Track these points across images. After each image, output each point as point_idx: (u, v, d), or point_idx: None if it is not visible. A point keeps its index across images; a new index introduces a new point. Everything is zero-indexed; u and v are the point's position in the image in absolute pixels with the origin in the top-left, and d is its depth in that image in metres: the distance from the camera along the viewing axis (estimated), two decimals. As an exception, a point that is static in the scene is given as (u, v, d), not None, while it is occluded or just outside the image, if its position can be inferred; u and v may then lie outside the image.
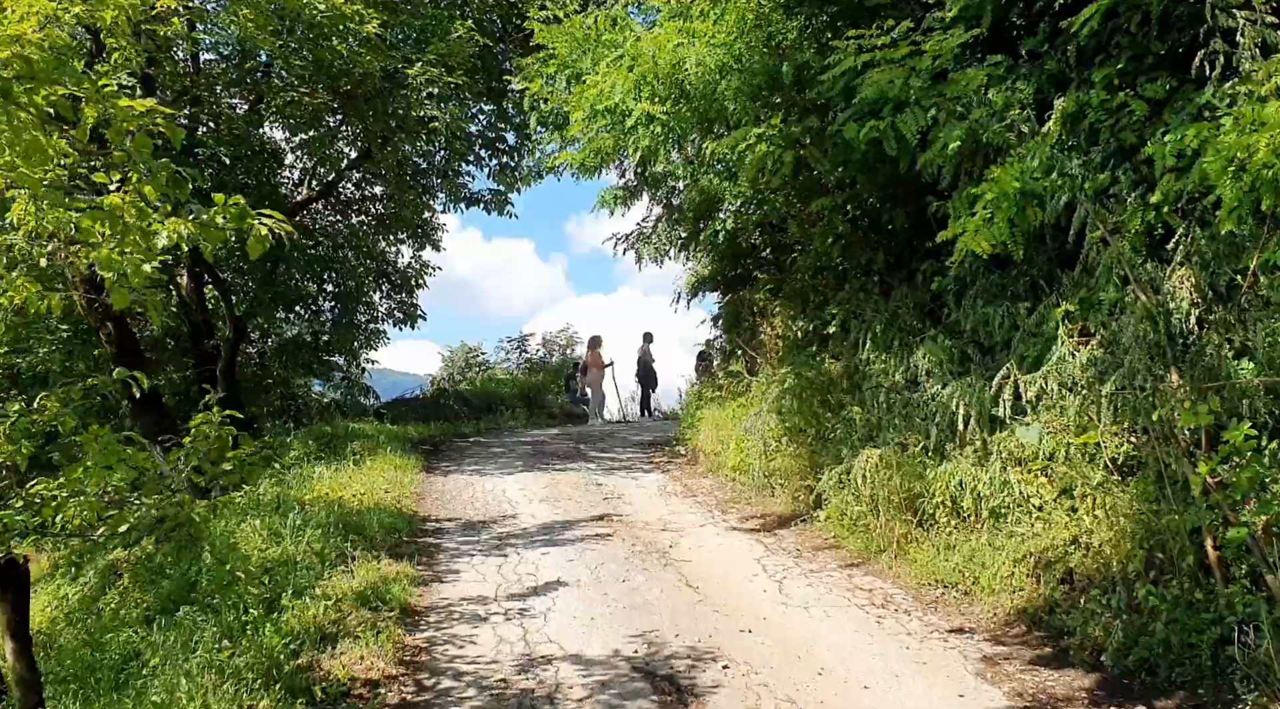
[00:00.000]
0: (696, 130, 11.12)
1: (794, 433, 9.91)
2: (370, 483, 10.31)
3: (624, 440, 16.31)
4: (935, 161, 8.47)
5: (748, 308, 14.19)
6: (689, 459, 12.94)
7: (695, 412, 14.25)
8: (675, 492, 10.61)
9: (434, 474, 11.74)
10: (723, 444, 11.77)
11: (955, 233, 7.83)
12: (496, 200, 19.39)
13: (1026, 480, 6.83)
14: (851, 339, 10.24)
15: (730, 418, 12.06)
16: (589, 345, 21.21)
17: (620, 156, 12.27)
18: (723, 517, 9.36)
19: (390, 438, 13.89)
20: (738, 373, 12.49)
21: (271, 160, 17.64)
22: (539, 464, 12.42)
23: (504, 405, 21.01)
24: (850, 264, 11.43)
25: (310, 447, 13.31)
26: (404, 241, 20.86)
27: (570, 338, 27.44)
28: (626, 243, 16.28)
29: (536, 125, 12.87)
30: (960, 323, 9.08)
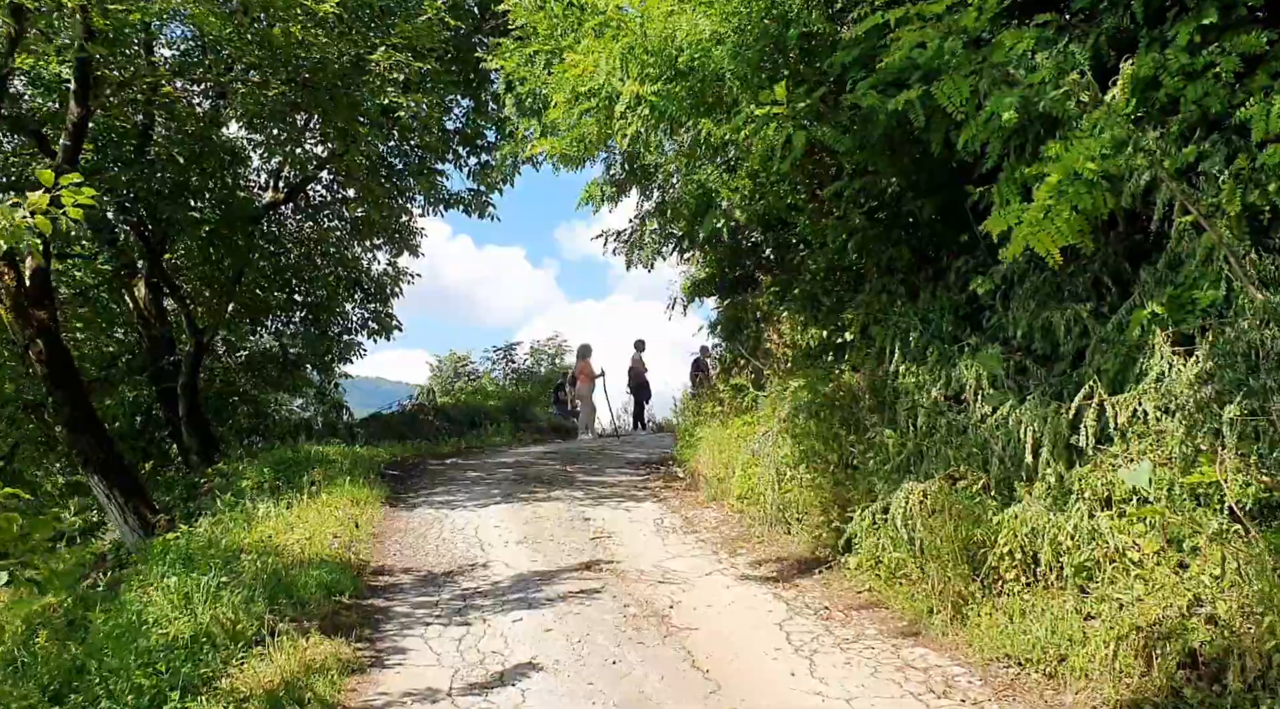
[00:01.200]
0: (692, 114, 9.63)
1: (812, 458, 8.40)
2: (320, 523, 8.77)
3: (616, 459, 14.78)
4: (979, 138, 7.01)
5: (750, 313, 12.70)
6: (688, 484, 11.42)
7: (694, 429, 12.74)
8: (674, 526, 9.09)
9: (398, 507, 10.20)
10: (726, 468, 10.27)
11: (1009, 224, 6.39)
12: (476, 201, 17.91)
13: (1120, 528, 5.32)
14: (876, 348, 8.75)
15: (734, 438, 10.55)
16: (578, 355, 19.68)
17: (608, 146, 10.77)
18: (731, 560, 7.84)
19: (356, 463, 12.35)
20: (742, 387, 10.97)
21: (233, 160, 16.12)
22: (520, 492, 10.88)
23: (488, 420, 19.48)
24: (868, 263, 9.96)
25: (266, 475, 11.77)
26: (380, 247, 19.35)
27: (559, 346, 25.96)
28: (617, 242, 14.77)
29: (512, 110, 11.37)
30: (1007, 328, 7.62)
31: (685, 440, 12.94)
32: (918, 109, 7.32)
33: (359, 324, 18.42)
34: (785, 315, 10.96)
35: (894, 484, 7.03)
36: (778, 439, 9.12)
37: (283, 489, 11.25)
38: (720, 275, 14.47)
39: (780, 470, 8.62)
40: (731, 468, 10.19)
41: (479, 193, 17.31)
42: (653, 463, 14.19)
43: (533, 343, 26.33)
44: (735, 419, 11.08)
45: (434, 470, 12.98)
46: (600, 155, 12.58)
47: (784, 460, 8.69)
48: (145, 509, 12.34)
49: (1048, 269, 7.47)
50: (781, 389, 10.13)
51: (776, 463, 8.86)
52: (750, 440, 10.12)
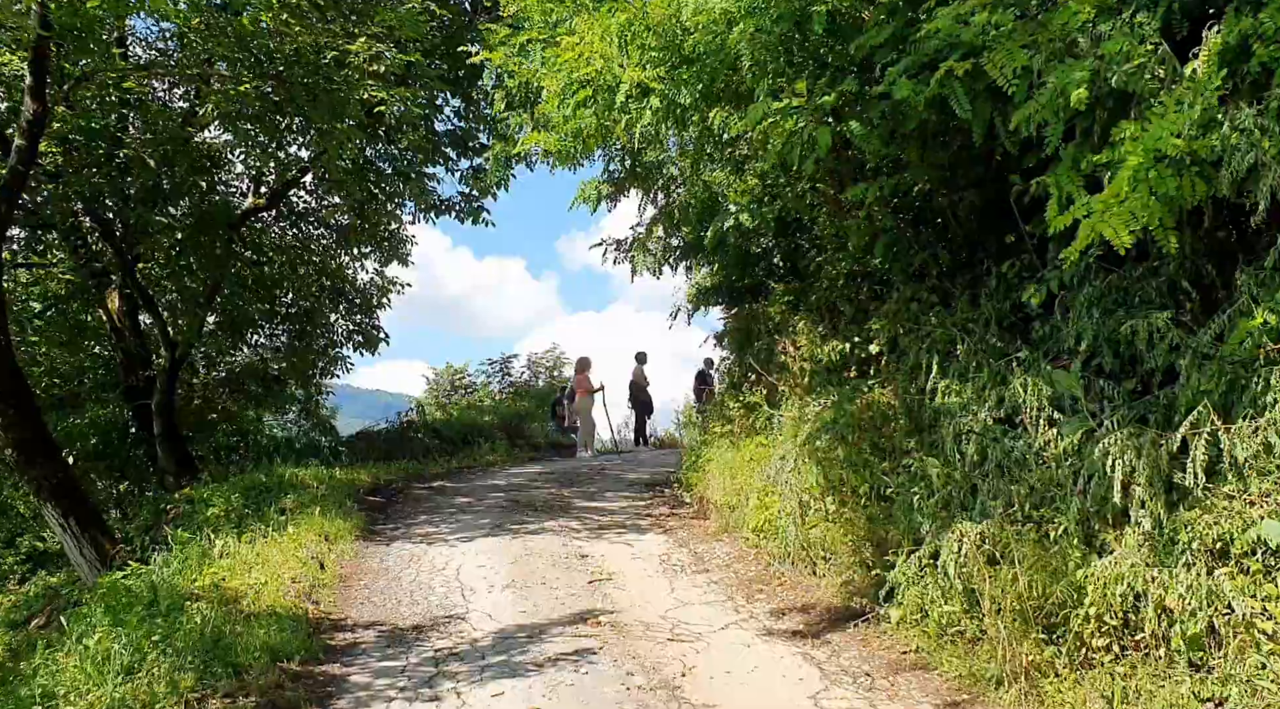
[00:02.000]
0: (701, 105, 8.61)
1: (840, 488, 7.31)
2: (282, 563, 7.69)
3: (616, 480, 13.70)
4: (1036, 119, 5.97)
5: (761, 323, 11.62)
6: (695, 512, 10.33)
7: (700, 449, 11.65)
8: (682, 564, 7.99)
9: (374, 541, 9.10)
10: (739, 496, 9.18)
11: (1076, 216, 5.41)
12: (469, 207, 16.84)
13: (1245, 589, 4.24)
14: (910, 362, 7.67)
15: (747, 462, 9.47)
16: (576, 368, 18.59)
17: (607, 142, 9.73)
18: (749, 608, 6.74)
19: (333, 489, 11.26)
20: (755, 405, 9.89)
21: (210, 163, 15.08)
22: (510, 522, 9.79)
23: (482, 437, 18.37)
24: (895, 268, 8.90)
25: (234, 502, 10.70)
26: (368, 255, 18.27)
27: (557, 359, 24.87)
28: (618, 251, 13.70)
29: (501, 106, 10.33)
30: (1063, 340, 6.59)
31: (691, 461, 11.86)
32: (959, 93, 6.34)
33: (344, 337, 17.31)
34: (801, 326, 9.90)
35: (942, 523, 5.95)
36: (798, 465, 8.05)
37: (251, 518, 10.20)
38: (728, 283, 13.42)
39: (803, 501, 7.53)
40: (745, 496, 9.11)
41: (471, 197, 16.25)
42: (656, 485, 13.11)
43: (530, 355, 25.26)
44: (748, 440, 10.00)
45: (419, 495, 11.88)
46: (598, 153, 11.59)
47: (807, 490, 7.61)
48: (103, 539, 11.25)
49: (1113, 272, 6.44)
50: (800, 408, 9.06)
51: (798, 492, 7.78)
52: (765, 465, 9.05)
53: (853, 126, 7.06)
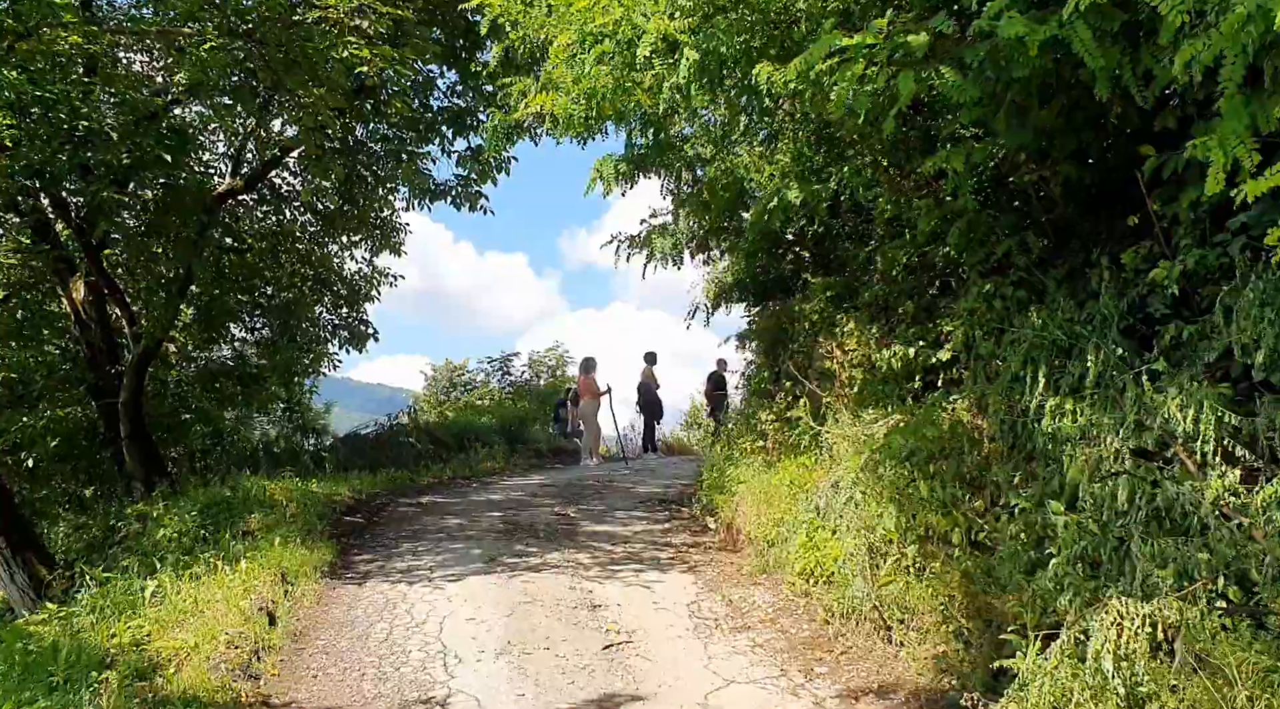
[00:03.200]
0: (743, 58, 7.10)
1: (921, 532, 5.76)
2: (225, 612, 6.15)
3: (626, 495, 12.15)
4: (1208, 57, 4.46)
5: (797, 322, 10.06)
6: (722, 541, 8.80)
7: (725, 466, 10.10)
8: (716, 618, 6.44)
9: (344, 580, 7.54)
10: (778, 528, 7.64)
11: (1272, 186, 3.91)
12: (465, 192, 15.25)
13: None
14: (1007, 372, 6.12)
15: (787, 487, 7.92)
16: (581, 369, 17.05)
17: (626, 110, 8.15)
18: (811, 690, 5.20)
19: (307, 506, 9.73)
20: (797, 419, 8.34)
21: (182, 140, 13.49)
22: (507, 552, 8.25)
23: (479, 441, 16.80)
24: (972, 258, 7.35)
25: (190, 522, 9.20)
26: (357, 244, 16.69)
27: (560, 357, 23.31)
28: (630, 246, 12.14)
29: (499, 65, 8.79)
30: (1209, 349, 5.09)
31: (713, 479, 10.31)
32: (1082, 33, 4.85)
33: (329, 331, 15.72)
34: (850, 326, 8.36)
35: (1083, 594, 4.40)
36: (861, 498, 6.50)
37: (206, 543, 8.70)
38: (752, 277, 11.86)
39: (876, 548, 5.97)
40: (786, 528, 7.56)
41: (468, 181, 14.66)
42: (670, 501, 11.56)
43: (531, 353, 23.68)
44: (786, 460, 8.45)
45: (404, 514, 10.32)
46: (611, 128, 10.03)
47: (883, 533, 6.06)
48: (40, 564, 9.72)
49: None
50: (854, 425, 7.51)
51: (863, 532, 6.24)
52: (812, 492, 7.50)
53: (944, 72, 5.49)
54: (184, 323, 16.11)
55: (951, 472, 5.89)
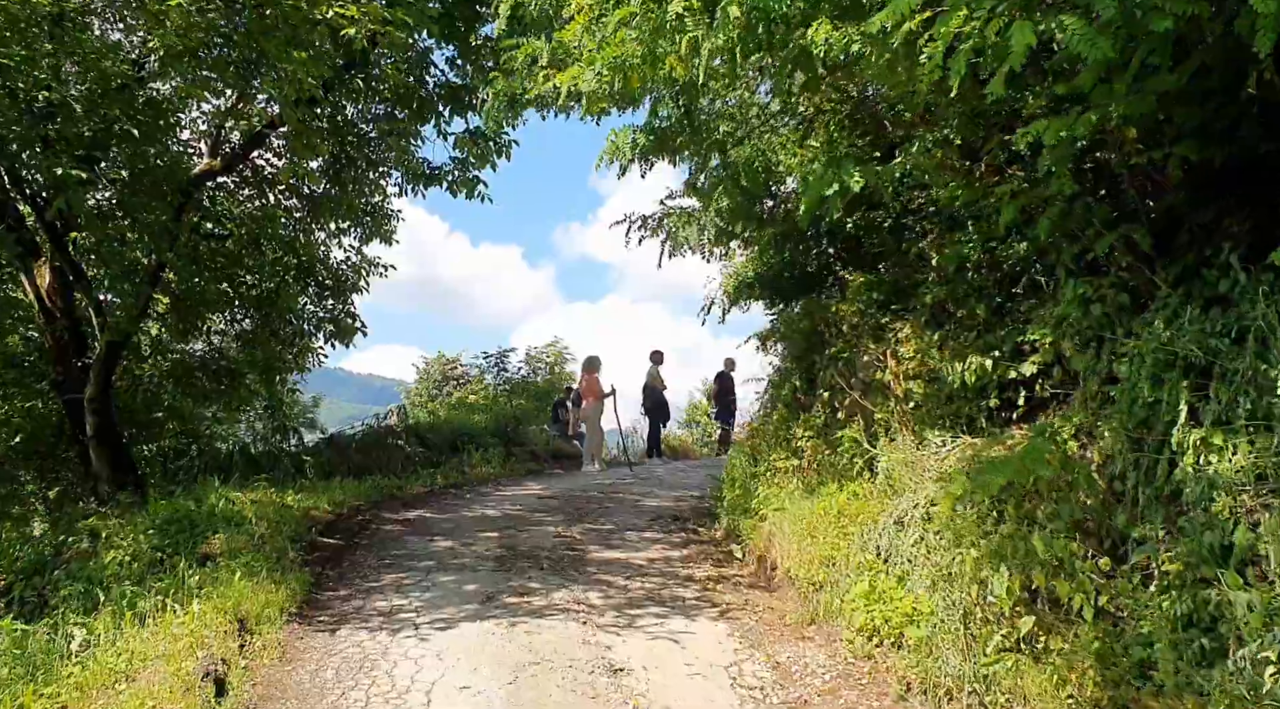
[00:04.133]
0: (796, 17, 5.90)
1: (1031, 595, 4.56)
2: (164, 676, 4.90)
3: (635, 509, 10.97)
4: None
5: (832, 325, 8.85)
6: (754, 575, 7.61)
7: (751, 484, 8.90)
8: (764, 687, 5.24)
9: (314, 624, 6.30)
10: (826, 567, 6.44)
11: None
12: (463, 177, 13.99)
13: None
14: (1129, 396, 4.91)
15: (834, 518, 6.72)
16: (584, 368, 15.82)
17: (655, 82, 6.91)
18: (902, 803, 3.97)
19: (280, 523, 8.51)
20: (852, 441, 7.14)
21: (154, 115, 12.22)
22: (506, 590, 7.04)
23: (474, 444, 15.56)
24: (1065, 253, 6.16)
25: (145, 542, 7.97)
26: (346, 232, 15.42)
27: (559, 354, 22.06)
28: (643, 229, 10.92)
29: (504, 27, 7.58)
30: None
31: (735, 498, 9.12)
32: None
33: (314, 324, 14.43)
34: (907, 332, 7.16)
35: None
36: (933, 540, 5.32)
37: (160, 571, 7.48)
38: (778, 272, 10.65)
39: (966, 607, 4.78)
40: (836, 567, 6.36)
41: (465, 164, 13.40)
42: (683, 518, 10.38)
43: (529, 349, 22.42)
44: (831, 486, 7.24)
45: (389, 534, 9.09)
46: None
47: (958, 577, 4.88)
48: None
49: None
50: (916, 450, 6.32)
51: (938, 578, 5.06)
52: (865, 526, 6.31)
53: (1068, 23, 4.31)
54: (159, 313, 14.86)
55: (1066, 518, 4.69)
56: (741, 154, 7.96)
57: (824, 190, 6.05)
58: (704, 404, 36.86)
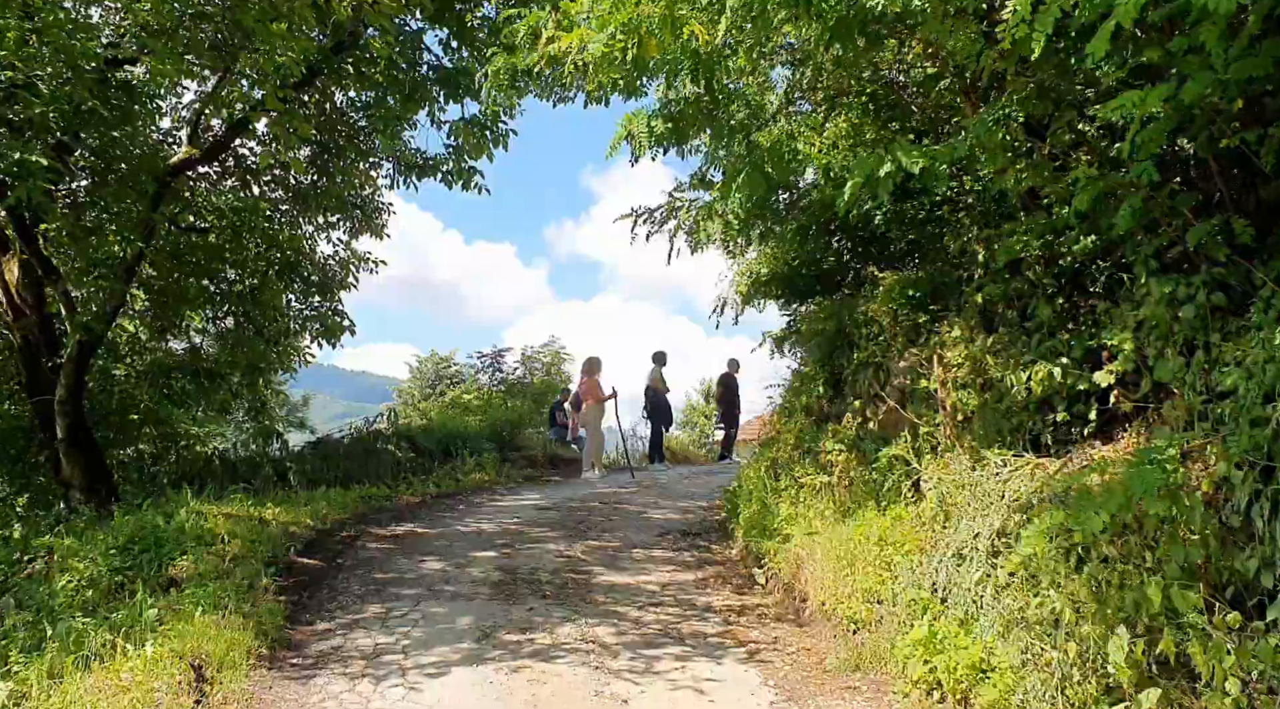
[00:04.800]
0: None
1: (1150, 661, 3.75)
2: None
3: (641, 523, 10.16)
4: None
5: (861, 327, 8.04)
6: (779, 603, 6.78)
7: (769, 499, 8.09)
8: (810, 753, 4.41)
9: (286, 669, 5.46)
10: (871, 604, 5.62)
11: None
12: (458, 168, 13.17)
13: None
14: (1247, 415, 4.11)
15: (875, 545, 5.90)
16: (584, 370, 14.99)
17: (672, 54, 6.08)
18: None
19: (255, 543, 7.66)
20: (901, 460, 6.33)
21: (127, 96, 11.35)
22: (504, 620, 6.22)
23: (467, 448, 14.72)
24: (1148, 246, 5.37)
25: (105, 563, 7.14)
26: (335, 226, 14.57)
27: (556, 354, 21.23)
28: (650, 223, 10.11)
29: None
30: None
31: (752, 514, 8.30)
32: None
33: (300, 323, 13.55)
34: (955, 334, 6.35)
35: None
36: (1003, 578, 4.52)
37: (119, 596, 6.67)
38: (795, 269, 9.86)
39: (1061, 665, 3.97)
40: (880, 604, 5.56)
41: (460, 153, 12.56)
42: (693, 533, 9.58)
43: (525, 349, 21.59)
44: (868, 508, 6.43)
45: (375, 554, 8.25)
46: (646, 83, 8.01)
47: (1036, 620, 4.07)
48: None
49: None
50: (976, 472, 5.52)
51: (1010, 621, 4.25)
52: (915, 556, 5.51)
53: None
54: (137, 311, 14.00)
55: (1178, 562, 3.88)
56: (768, 137, 7.13)
57: (872, 172, 5.22)
58: (701, 405, 36.16)
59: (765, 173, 6.47)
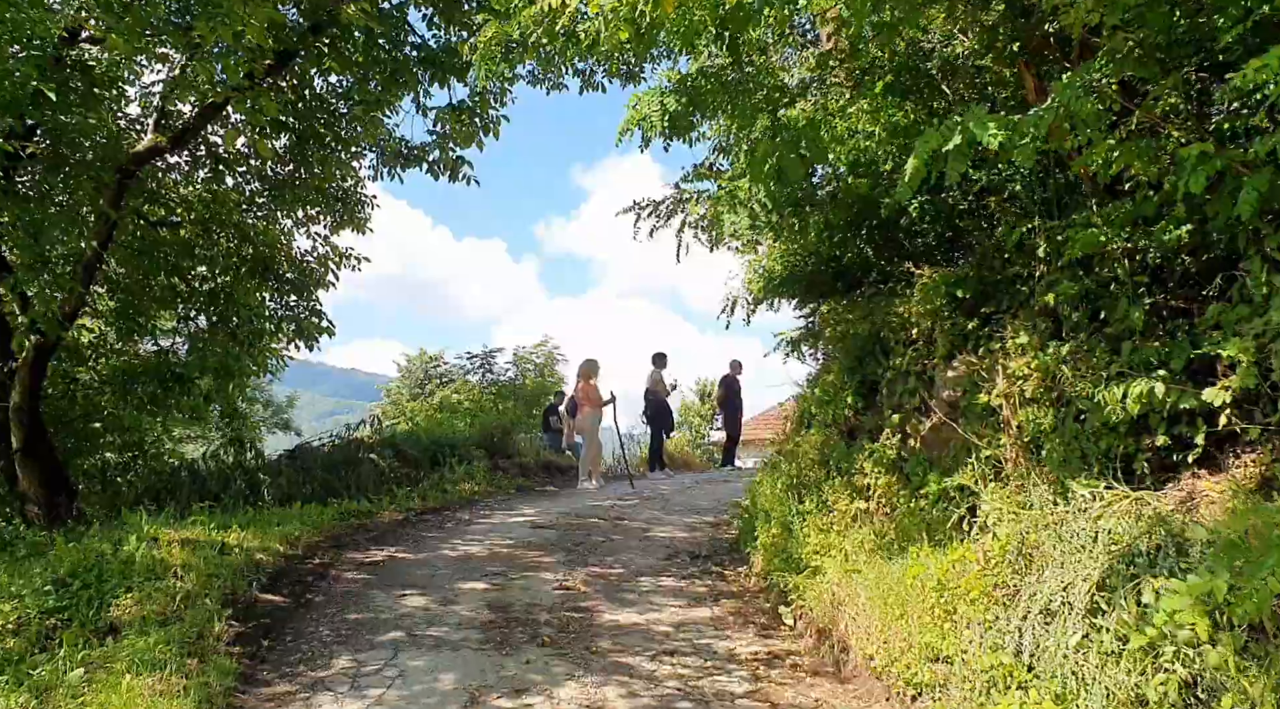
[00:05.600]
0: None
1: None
2: None
3: (646, 542, 9.24)
4: None
5: (896, 330, 7.08)
6: (813, 651, 5.83)
7: (794, 523, 7.14)
8: None
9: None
10: (932, 663, 4.67)
11: None
12: (445, 158, 12.20)
13: None
14: None
15: (933, 591, 4.94)
16: (580, 373, 14.02)
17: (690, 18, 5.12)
18: None
19: (209, 574, 6.69)
20: (967, 490, 5.38)
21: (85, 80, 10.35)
22: (495, 680, 5.27)
23: (455, 455, 13.74)
24: (1272, 240, 4.43)
25: (35, 605, 6.16)
26: (314, 219, 13.54)
27: (550, 354, 20.25)
28: (655, 216, 9.15)
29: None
30: None
31: (773, 539, 7.36)
32: None
33: (274, 324, 12.51)
34: (1022, 342, 5.42)
35: None
36: (1124, 650, 3.58)
37: (51, 642, 5.72)
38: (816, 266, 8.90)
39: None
40: (944, 663, 4.61)
41: (446, 140, 11.58)
42: (703, 555, 8.66)
43: (516, 349, 20.56)
44: (924, 545, 5.47)
45: (349, 586, 7.27)
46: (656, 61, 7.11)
47: None
48: None
49: None
50: (1058, 504, 4.58)
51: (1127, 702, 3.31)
52: (987, 607, 4.56)
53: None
54: (100, 311, 12.97)
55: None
56: (802, 114, 6.17)
57: (938, 149, 4.27)
58: (697, 405, 35.20)
59: (800, 154, 5.50)
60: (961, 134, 4.21)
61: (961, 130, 4.21)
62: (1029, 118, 4.29)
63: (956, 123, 4.31)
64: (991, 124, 4.19)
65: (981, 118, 4.19)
